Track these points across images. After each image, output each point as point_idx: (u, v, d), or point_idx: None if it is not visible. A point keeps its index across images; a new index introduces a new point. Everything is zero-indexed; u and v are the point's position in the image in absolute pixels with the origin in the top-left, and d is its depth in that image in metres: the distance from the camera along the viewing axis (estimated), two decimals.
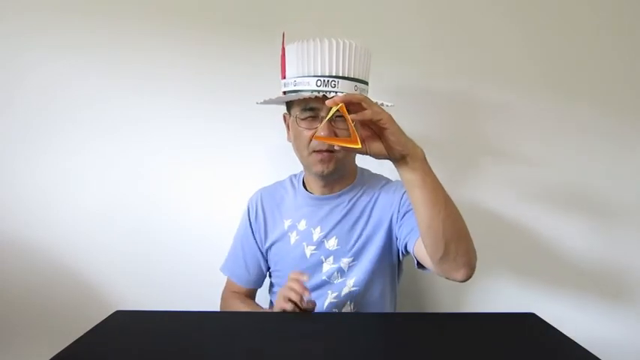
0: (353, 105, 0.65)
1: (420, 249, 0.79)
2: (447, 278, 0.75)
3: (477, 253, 0.74)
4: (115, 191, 1.23)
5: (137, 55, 1.20)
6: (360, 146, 0.64)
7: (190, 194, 1.24)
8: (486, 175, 1.26)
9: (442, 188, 0.70)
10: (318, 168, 0.87)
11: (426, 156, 0.69)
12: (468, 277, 0.73)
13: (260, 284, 1.05)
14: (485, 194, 1.25)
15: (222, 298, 1.05)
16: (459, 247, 0.71)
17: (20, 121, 1.21)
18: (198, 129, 1.23)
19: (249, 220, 1.02)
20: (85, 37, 1.19)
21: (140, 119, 1.22)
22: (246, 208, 1.04)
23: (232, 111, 1.21)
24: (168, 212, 1.24)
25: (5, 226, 1.22)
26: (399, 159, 0.68)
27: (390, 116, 0.65)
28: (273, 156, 1.21)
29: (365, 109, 0.64)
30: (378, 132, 0.67)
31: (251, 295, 1.06)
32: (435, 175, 0.70)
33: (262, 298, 1.08)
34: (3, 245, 1.22)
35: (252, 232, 1.01)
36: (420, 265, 0.83)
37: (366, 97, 0.66)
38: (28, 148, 1.21)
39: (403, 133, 0.67)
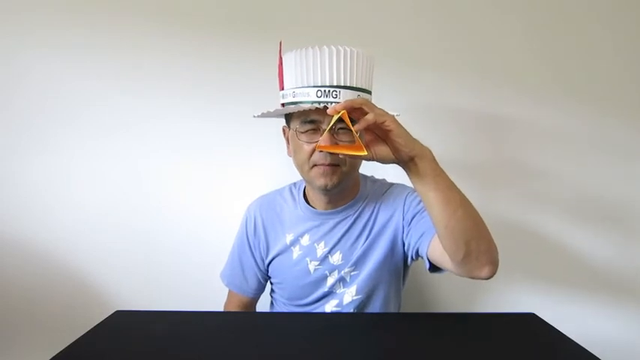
0: (355, 111, 0.64)
1: (434, 252, 0.77)
2: (470, 278, 0.72)
3: None
4: (116, 191, 1.23)
5: (137, 56, 1.20)
6: (365, 153, 0.63)
7: (190, 195, 1.24)
8: (495, 180, 1.26)
9: (455, 186, 0.68)
10: (321, 182, 0.82)
11: (442, 168, 0.68)
12: (493, 275, 0.71)
13: (260, 294, 1.03)
14: (492, 198, 1.25)
15: (226, 307, 1.04)
16: (480, 244, 0.68)
17: (20, 121, 1.20)
18: (199, 130, 1.23)
19: (247, 233, 0.99)
20: (84, 37, 1.19)
21: (140, 119, 1.22)
22: (244, 220, 1.00)
23: (233, 112, 1.21)
24: (168, 213, 1.24)
25: (5, 226, 1.22)
26: (407, 161, 0.66)
27: (393, 118, 0.64)
28: (274, 157, 1.21)
29: (367, 113, 0.63)
30: (382, 136, 0.66)
31: (252, 305, 1.04)
32: (446, 174, 0.68)
33: (262, 301, 1.08)
34: (3, 245, 1.22)
35: (250, 247, 0.98)
36: (432, 269, 0.81)
37: (367, 101, 0.65)
38: (28, 149, 1.21)
39: (409, 134, 0.65)
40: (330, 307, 0.91)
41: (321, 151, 0.77)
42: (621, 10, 1.22)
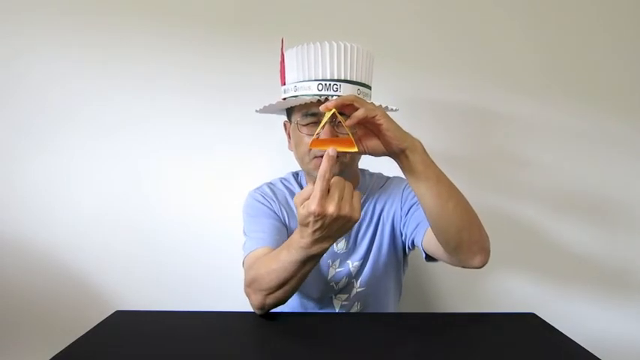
0: (346, 107, 0.65)
1: (429, 242, 0.79)
2: (463, 267, 0.75)
3: None
4: (115, 191, 1.23)
5: (137, 55, 1.20)
6: (356, 149, 0.64)
7: (190, 194, 1.24)
8: (492, 177, 1.26)
9: (446, 178, 0.70)
10: None
11: (433, 160, 0.69)
12: (484, 263, 0.73)
13: None
14: (489, 195, 1.25)
15: (251, 268, 0.79)
16: (471, 234, 0.70)
17: (20, 121, 1.21)
18: (199, 129, 1.23)
19: (269, 202, 0.92)
20: (83, 37, 1.19)
21: (140, 118, 1.22)
22: (258, 195, 0.94)
23: (234, 111, 1.21)
24: (168, 212, 1.24)
25: (5, 226, 1.22)
26: (398, 154, 0.68)
27: (384, 112, 0.65)
28: (274, 155, 1.21)
29: (357, 109, 0.64)
30: (374, 130, 0.67)
31: None
32: (436, 166, 0.69)
33: None
34: (3, 245, 1.22)
35: (275, 212, 0.91)
36: (428, 258, 0.83)
37: (357, 97, 0.66)
38: (27, 149, 1.21)
39: (399, 128, 0.67)
40: (338, 301, 0.92)
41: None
42: (636, 13, 1.22)
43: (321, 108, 0.64)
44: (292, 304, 0.96)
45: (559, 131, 1.25)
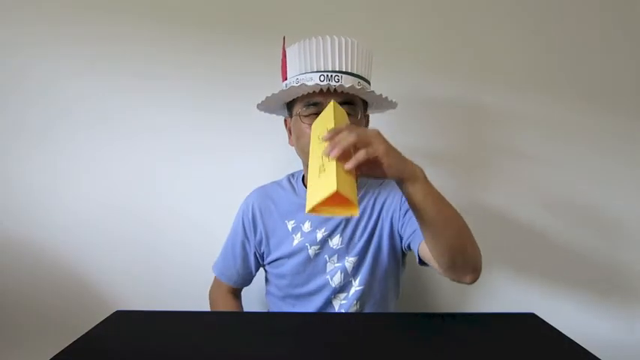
0: (364, 164, 0.61)
1: (424, 252, 0.79)
2: (454, 281, 0.77)
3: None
4: (115, 191, 1.23)
5: (135, 55, 1.20)
6: (357, 214, 0.59)
7: (190, 194, 1.24)
8: (490, 176, 1.26)
9: (446, 204, 0.69)
10: None
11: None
12: (475, 280, 0.75)
13: (249, 283, 1.06)
14: (487, 195, 1.25)
15: (213, 298, 1.07)
16: (465, 256, 0.72)
17: (18, 122, 1.21)
18: (198, 129, 1.23)
19: (244, 222, 1.00)
20: (83, 36, 1.19)
21: (138, 119, 1.22)
22: (241, 210, 1.02)
23: (232, 110, 1.21)
24: (167, 212, 1.24)
25: (4, 226, 1.22)
26: (397, 182, 0.67)
27: (384, 150, 0.62)
28: (274, 156, 1.21)
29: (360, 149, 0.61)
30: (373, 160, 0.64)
31: (239, 292, 1.08)
32: (437, 192, 0.68)
33: (261, 301, 1.08)
34: (2, 246, 1.22)
35: (247, 236, 1.00)
36: (422, 263, 0.83)
37: (358, 130, 0.61)
38: (25, 149, 1.21)
39: (400, 159, 0.65)
40: (337, 301, 0.92)
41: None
42: (630, 10, 1.22)
43: (331, 154, 0.59)
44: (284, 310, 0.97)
45: (559, 130, 1.24)
